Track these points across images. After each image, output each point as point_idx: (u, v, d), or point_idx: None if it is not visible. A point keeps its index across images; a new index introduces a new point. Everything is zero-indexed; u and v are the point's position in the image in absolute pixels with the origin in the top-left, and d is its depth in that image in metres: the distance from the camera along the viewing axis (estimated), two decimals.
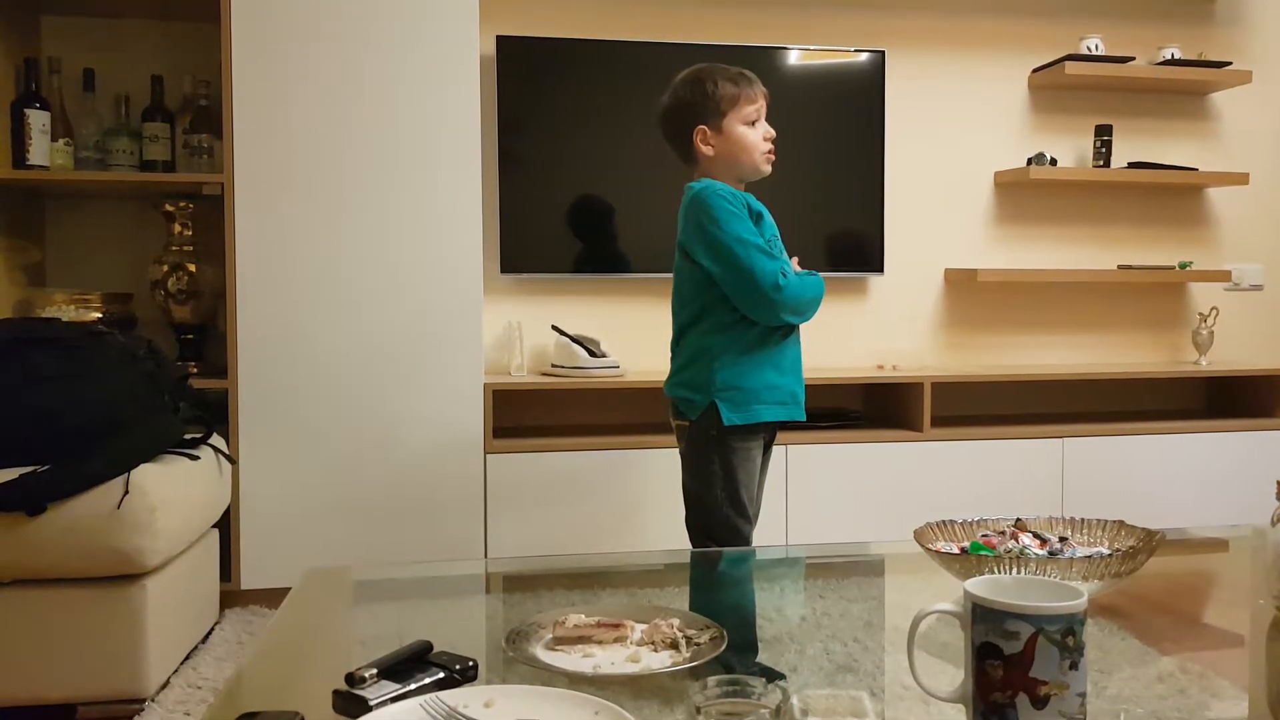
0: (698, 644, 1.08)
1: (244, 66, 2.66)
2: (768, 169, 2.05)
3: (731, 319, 1.98)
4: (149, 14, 2.96)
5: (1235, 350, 3.67)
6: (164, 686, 2.11)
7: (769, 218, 2.03)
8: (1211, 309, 3.55)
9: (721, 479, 1.98)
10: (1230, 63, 3.47)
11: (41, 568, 1.94)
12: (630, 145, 3.15)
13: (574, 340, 3.04)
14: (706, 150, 2.02)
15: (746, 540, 2.01)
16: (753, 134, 2.02)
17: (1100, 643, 1.15)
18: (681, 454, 2.07)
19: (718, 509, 1.99)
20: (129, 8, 2.92)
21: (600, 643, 1.09)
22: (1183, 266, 3.49)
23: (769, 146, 2.04)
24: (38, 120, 2.69)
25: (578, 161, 3.17)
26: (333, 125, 2.71)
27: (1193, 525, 2.94)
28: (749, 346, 1.98)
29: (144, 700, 2.02)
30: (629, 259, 3.22)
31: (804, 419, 2.09)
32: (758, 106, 2.03)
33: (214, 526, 2.49)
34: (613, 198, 3.21)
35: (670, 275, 2.10)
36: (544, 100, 3.14)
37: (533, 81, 3.12)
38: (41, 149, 2.70)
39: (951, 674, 0.94)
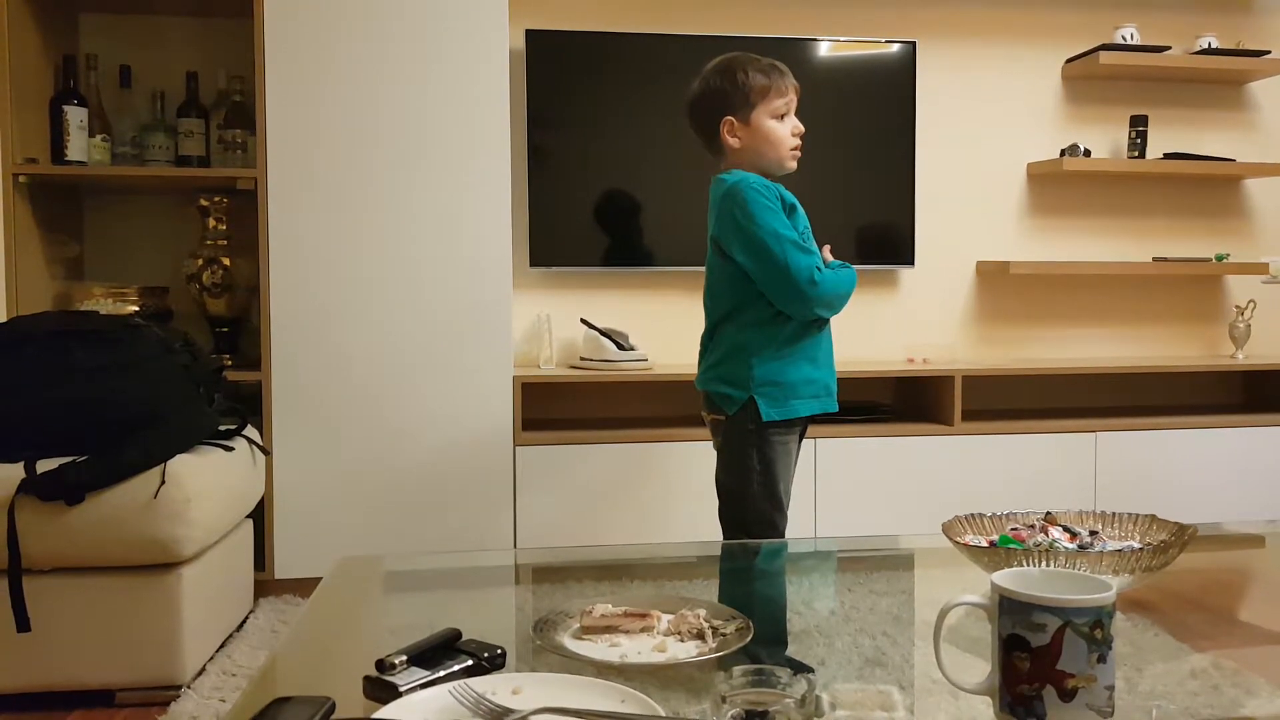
0: (724, 634, 1.08)
1: (277, 62, 2.68)
2: (793, 165, 2.03)
3: (768, 314, 1.96)
4: (184, 11, 2.99)
5: (1273, 344, 3.61)
6: (200, 673, 2.14)
7: (801, 210, 2.02)
8: (1249, 302, 3.50)
9: (759, 473, 1.97)
10: (1269, 51, 3.41)
11: (80, 556, 1.98)
12: (659, 139, 3.15)
13: (603, 333, 3.05)
14: (733, 142, 2.01)
15: (781, 533, 2.00)
16: (780, 128, 2.00)
17: (1132, 638, 1.14)
18: (716, 448, 2.07)
19: (754, 503, 1.98)
20: (165, 5, 2.95)
21: (627, 632, 1.09)
22: (1219, 259, 3.44)
23: (796, 142, 2.01)
24: (76, 116, 2.73)
25: (607, 155, 3.17)
26: (364, 120, 2.73)
27: (1228, 520, 2.91)
28: (786, 341, 1.97)
29: (180, 686, 2.05)
30: (658, 252, 3.22)
31: (837, 410, 2.08)
32: (787, 100, 2.00)
33: (248, 517, 2.52)
34: (641, 192, 3.21)
35: (699, 269, 2.10)
36: (573, 94, 3.14)
37: (562, 75, 3.13)
38: (79, 145, 2.74)
39: (980, 667, 0.94)
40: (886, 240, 3.33)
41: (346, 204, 2.73)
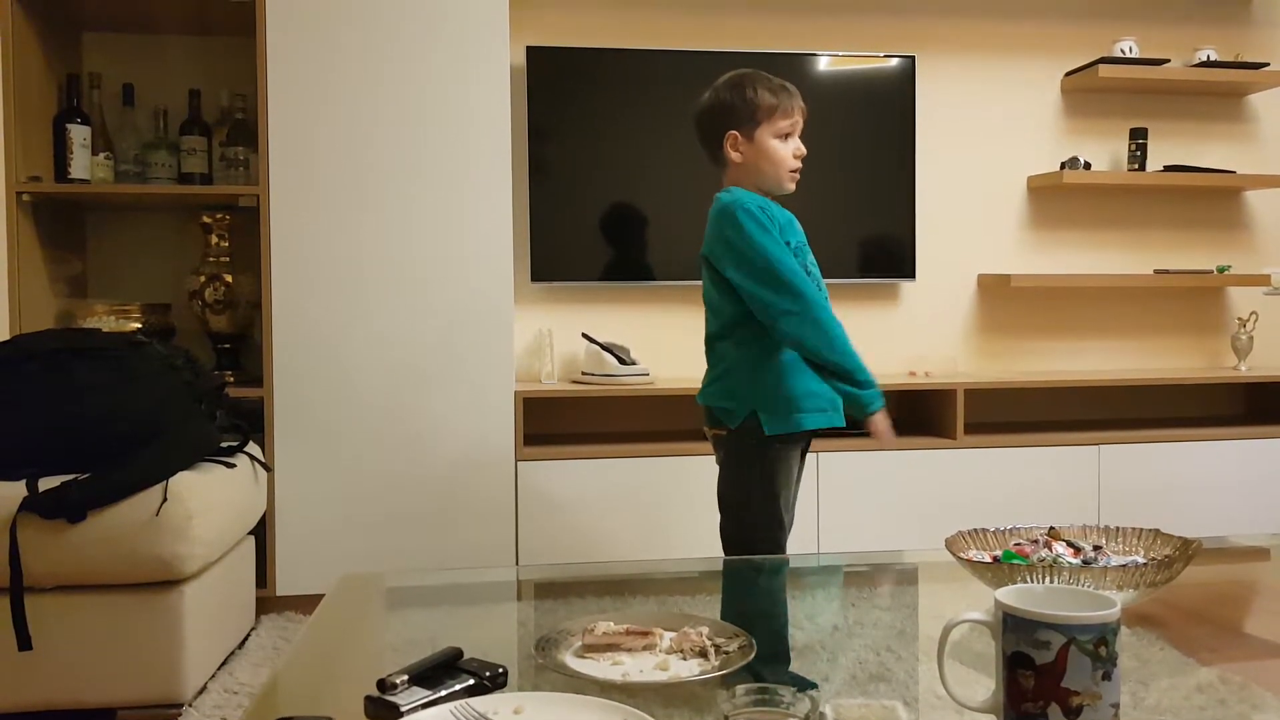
0: (726, 652, 1.08)
1: (279, 80, 2.69)
2: (791, 187, 2.03)
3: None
4: (187, 30, 3.01)
5: (1275, 355, 3.61)
6: (201, 691, 2.13)
7: (797, 224, 2.02)
8: (1251, 313, 3.50)
9: (761, 488, 1.96)
10: (1268, 64, 3.42)
11: (82, 574, 1.97)
12: (659, 154, 3.16)
13: (604, 348, 3.05)
14: (735, 156, 2.01)
15: (782, 549, 1.99)
16: (783, 148, 2.00)
17: (1138, 653, 1.14)
18: (719, 463, 2.06)
19: (756, 518, 1.97)
20: (167, 24, 2.97)
21: (629, 650, 1.09)
22: (1220, 270, 3.44)
23: (797, 164, 2.02)
24: (79, 135, 2.74)
25: (607, 170, 3.18)
26: (365, 137, 2.74)
27: (1233, 533, 2.90)
28: (788, 354, 1.97)
29: (182, 705, 2.04)
30: (658, 267, 3.23)
31: (844, 425, 2.06)
32: (793, 121, 2.01)
33: (250, 533, 2.52)
34: (642, 206, 3.21)
35: (700, 283, 2.09)
36: (574, 110, 3.15)
37: (562, 91, 3.14)
38: (82, 163, 2.75)
39: (985, 684, 0.93)
40: (887, 253, 3.33)
41: (348, 220, 2.74)
